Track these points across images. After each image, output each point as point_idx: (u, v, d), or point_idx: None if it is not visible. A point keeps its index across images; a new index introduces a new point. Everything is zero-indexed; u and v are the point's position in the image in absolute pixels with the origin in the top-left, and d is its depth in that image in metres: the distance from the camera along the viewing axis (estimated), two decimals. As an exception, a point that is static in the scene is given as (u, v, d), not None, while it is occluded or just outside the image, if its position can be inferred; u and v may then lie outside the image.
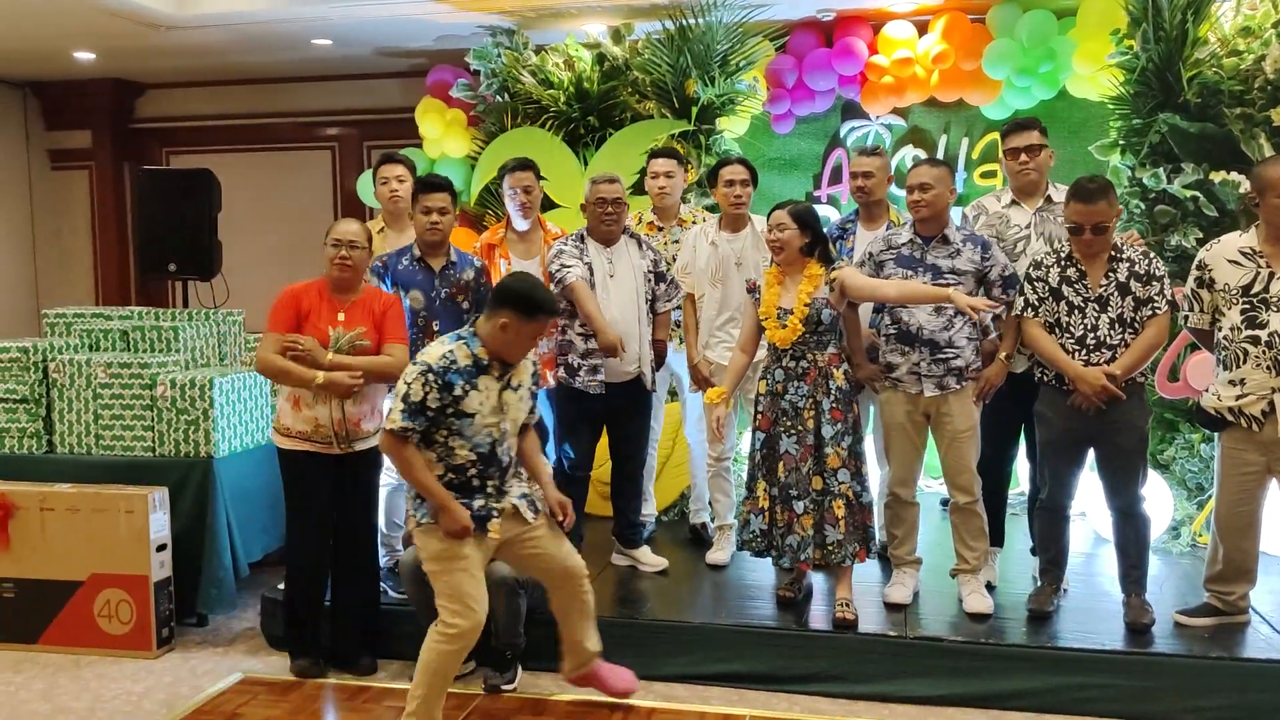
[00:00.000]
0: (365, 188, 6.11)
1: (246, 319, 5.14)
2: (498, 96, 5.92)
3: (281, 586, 4.24)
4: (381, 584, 4.07)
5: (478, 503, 3.30)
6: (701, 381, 4.41)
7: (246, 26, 6.02)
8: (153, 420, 4.34)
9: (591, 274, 4.22)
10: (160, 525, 4.13)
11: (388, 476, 4.24)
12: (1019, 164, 4.06)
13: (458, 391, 3.18)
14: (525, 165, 4.48)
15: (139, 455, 4.35)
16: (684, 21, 5.55)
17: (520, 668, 3.82)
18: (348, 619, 3.95)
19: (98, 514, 4.11)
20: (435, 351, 3.20)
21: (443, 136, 6.08)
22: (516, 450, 3.43)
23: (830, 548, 3.81)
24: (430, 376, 3.15)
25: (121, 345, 4.74)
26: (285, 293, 3.79)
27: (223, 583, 4.25)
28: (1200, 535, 4.73)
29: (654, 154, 4.82)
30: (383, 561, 4.14)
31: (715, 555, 4.53)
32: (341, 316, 3.76)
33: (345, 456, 3.80)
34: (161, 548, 4.13)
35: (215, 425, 4.29)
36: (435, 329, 4.14)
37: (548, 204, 5.58)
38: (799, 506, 3.81)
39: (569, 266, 4.19)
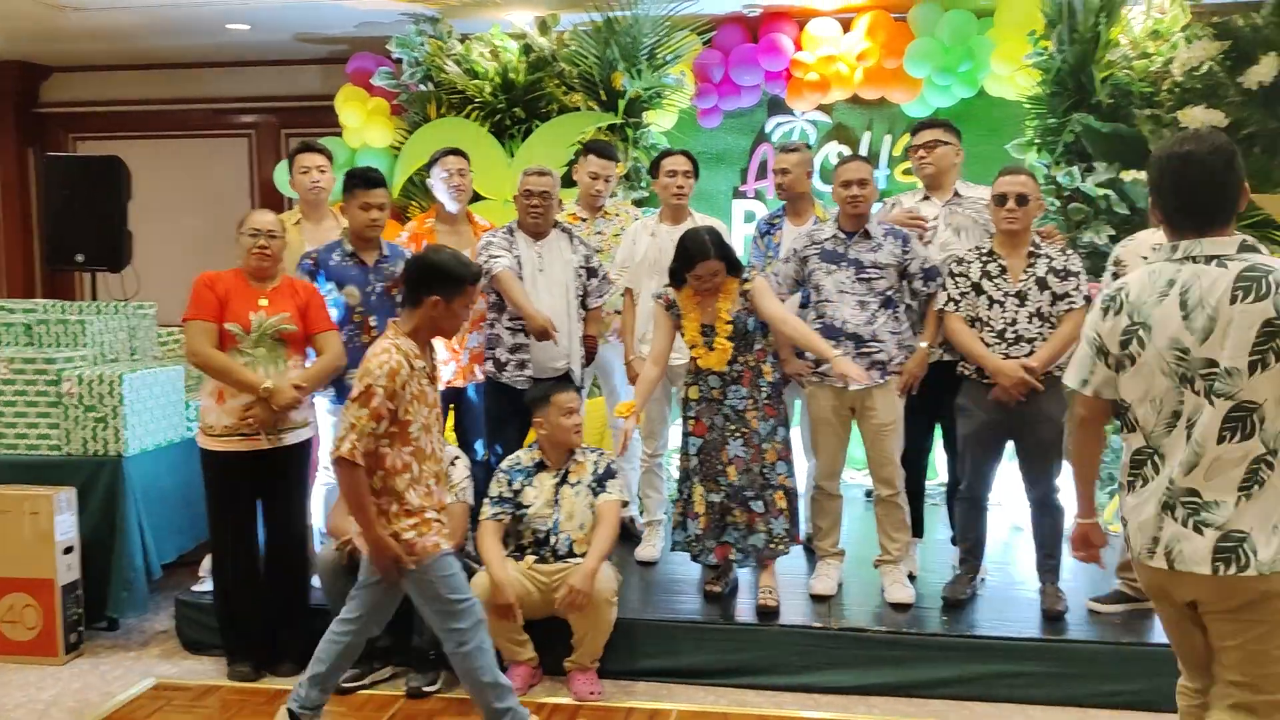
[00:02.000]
0: (283, 177, 5.96)
1: (159, 312, 4.98)
2: (421, 85, 5.82)
3: (197, 588, 4.14)
4: (316, 582, 3.98)
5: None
6: (636, 378, 4.40)
7: (157, 9, 5.81)
8: (59, 418, 4.17)
9: (520, 267, 4.18)
10: (67, 527, 3.97)
11: (326, 476, 4.15)
12: (917, 157, 4.23)
13: (516, 486, 3.76)
14: (459, 151, 4.47)
15: (44, 454, 4.17)
16: (611, 14, 5.52)
17: (444, 668, 3.77)
18: (275, 619, 3.85)
19: (0, 515, 3.94)
20: (509, 459, 3.86)
21: (364, 125, 5.96)
22: (579, 540, 3.76)
23: (776, 539, 3.85)
24: (502, 474, 3.80)
25: (25, 340, 4.54)
26: (200, 280, 3.71)
27: (134, 585, 4.10)
28: (1112, 524, 4.87)
29: (594, 150, 4.70)
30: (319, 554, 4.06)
31: (645, 551, 4.52)
32: (264, 302, 3.68)
33: (273, 452, 3.71)
34: (68, 550, 3.98)
35: (125, 423, 4.13)
36: (372, 324, 4.06)
37: (474, 196, 5.51)
38: (757, 506, 3.85)
39: (496, 257, 4.15)
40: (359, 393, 2.96)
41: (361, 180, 4.05)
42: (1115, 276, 3.80)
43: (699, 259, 3.77)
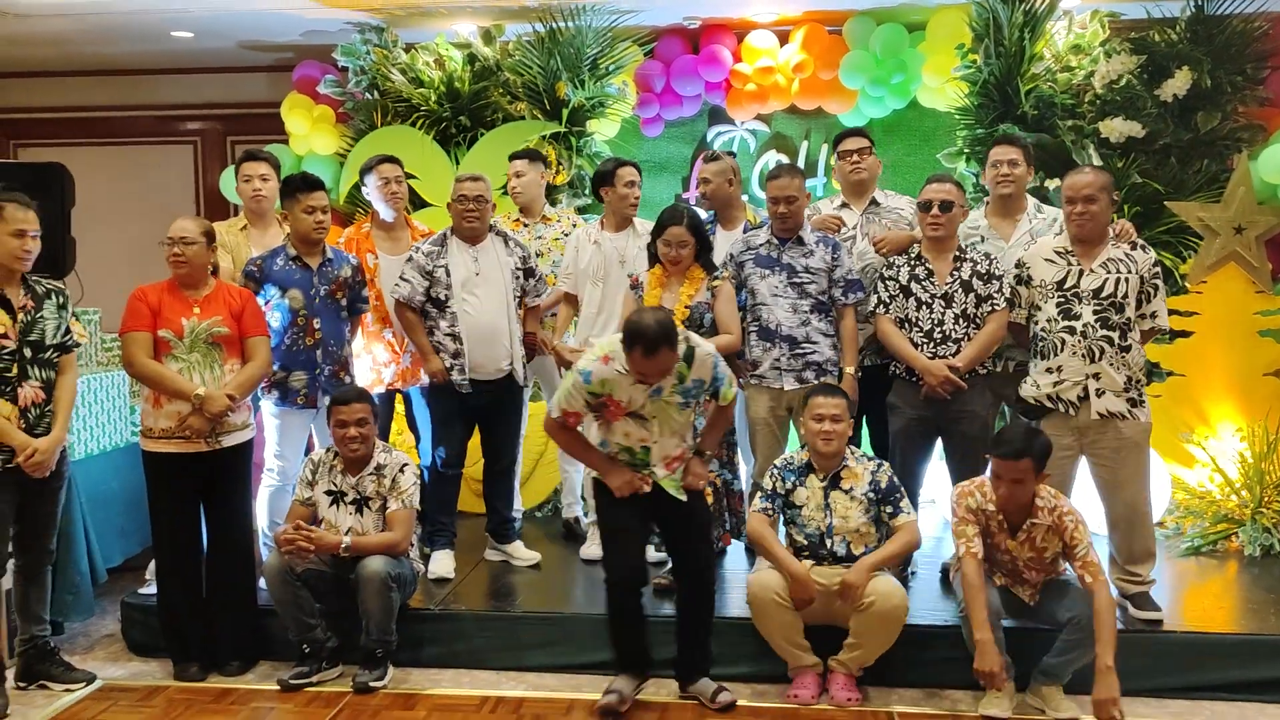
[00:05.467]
0: (229, 183, 5.97)
1: (103, 318, 4.99)
2: (367, 94, 5.89)
3: (143, 591, 4.16)
4: (260, 583, 4.02)
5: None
6: (563, 363, 4.46)
7: (101, 16, 5.81)
8: (2, 423, 4.17)
9: (449, 275, 4.26)
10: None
11: (270, 478, 4.20)
12: (851, 163, 4.35)
13: (788, 485, 3.69)
14: (393, 159, 4.53)
15: (-13, 459, 4.17)
16: (554, 25, 5.63)
17: (391, 665, 3.84)
18: (219, 619, 3.89)
19: (-59, 521, 3.93)
20: (782, 455, 3.79)
21: (310, 133, 6.00)
22: (856, 543, 3.67)
23: None
24: (774, 470, 3.73)
25: (-34, 345, 4.53)
26: (134, 293, 3.78)
27: (80, 589, 4.12)
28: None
29: (512, 156, 4.91)
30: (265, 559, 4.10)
31: (590, 550, 4.59)
32: (197, 310, 3.74)
33: (212, 455, 3.76)
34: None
35: (70, 427, 4.14)
36: (316, 327, 4.12)
37: (420, 203, 5.58)
38: None
39: (403, 282, 4.26)
40: None
41: (302, 184, 4.12)
42: (1019, 279, 3.99)
43: (669, 224, 3.97)
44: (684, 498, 3.57)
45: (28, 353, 3.56)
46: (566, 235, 4.79)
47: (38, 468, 3.54)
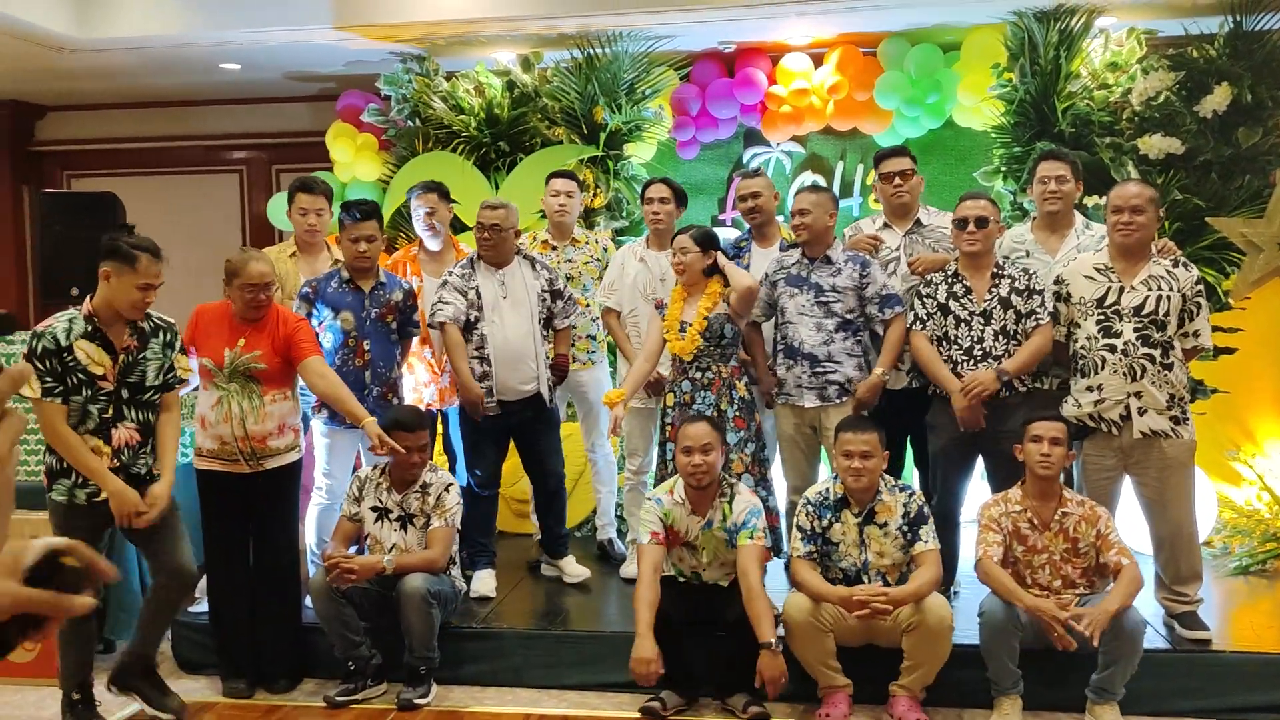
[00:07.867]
0: (276, 210, 6.11)
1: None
2: (409, 121, 6.00)
3: (192, 609, 4.24)
4: (306, 601, 4.08)
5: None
6: (653, 388, 4.46)
7: (151, 50, 5.98)
8: (57, 445, 4.27)
9: (479, 297, 4.32)
10: (66, 550, 4.07)
11: (319, 496, 4.28)
12: (894, 187, 4.33)
13: (825, 522, 3.70)
14: (430, 187, 4.63)
15: (43, 480, 4.27)
16: (591, 51, 5.71)
17: (435, 682, 3.88)
18: (266, 636, 3.96)
19: (0, 540, 4.04)
20: (815, 488, 3.82)
21: (354, 161, 6.12)
22: (891, 573, 3.70)
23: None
24: (809, 507, 3.73)
25: (23, 370, 4.66)
26: (192, 314, 3.90)
27: (131, 608, 4.20)
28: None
29: (553, 175, 4.96)
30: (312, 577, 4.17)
31: (630, 569, 4.60)
32: (242, 342, 3.81)
33: (257, 476, 3.83)
34: (67, 573, 4.07)
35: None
36: (365, 349, 4.21)
37: (461, 226, 5.67)
38: None
39: (446, 303, 4.30)
40: None
41: (352, 214, 4.22)
42: (1057, 296, 3.97)
43: (678, 234, 4.14)
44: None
45: (125, 394, 3.50)
46: (596, 260, 4.85)
47: (146, 523, 3.47)
